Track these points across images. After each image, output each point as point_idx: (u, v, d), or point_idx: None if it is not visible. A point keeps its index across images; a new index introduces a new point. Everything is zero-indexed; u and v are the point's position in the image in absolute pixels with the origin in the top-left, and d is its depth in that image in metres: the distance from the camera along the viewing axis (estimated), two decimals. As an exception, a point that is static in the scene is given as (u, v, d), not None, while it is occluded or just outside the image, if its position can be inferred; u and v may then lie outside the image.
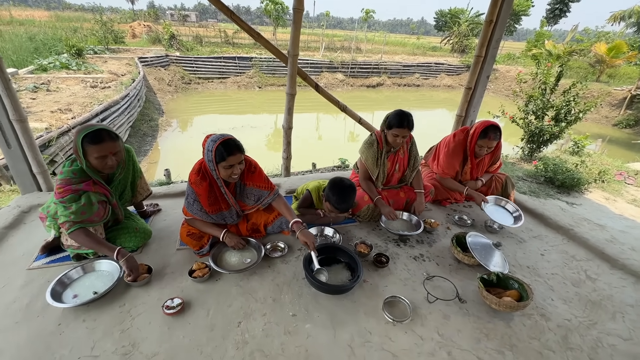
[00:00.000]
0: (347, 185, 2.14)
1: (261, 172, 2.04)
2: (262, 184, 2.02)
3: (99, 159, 1.69)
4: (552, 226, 2.64)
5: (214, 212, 1.95)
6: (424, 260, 2.13)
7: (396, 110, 2.35)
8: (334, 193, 2.10)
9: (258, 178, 2.01)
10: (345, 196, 2.10)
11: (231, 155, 1.73)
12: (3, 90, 2.11)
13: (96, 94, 6.94)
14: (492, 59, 3.28)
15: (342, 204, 2.10)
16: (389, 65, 18.36)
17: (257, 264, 1.92)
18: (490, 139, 2.50)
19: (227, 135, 1.78)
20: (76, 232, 1.69)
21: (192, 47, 16.47)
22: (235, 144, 1.76)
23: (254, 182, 2.00)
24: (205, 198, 1.90)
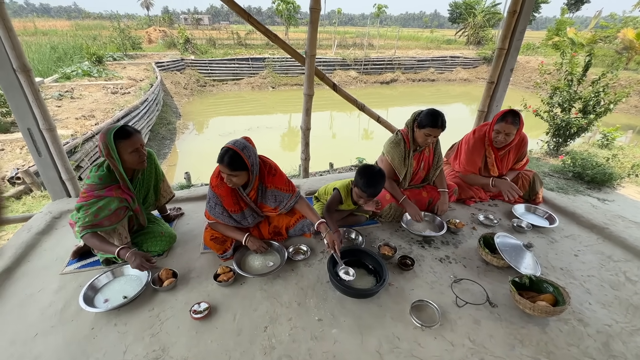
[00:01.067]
0: (377, 170, 2.10)
1: (282, 175, 2.03)
2: (283, 186, 2.01)
3: (133, 153, 1.75)
4: (584, 225, 2.51)
5: (235, 211, 1.95)
6: (450, 262, 2.07)
7: (429, 109, 2.29)
8: (362, 176, 2.05)
9: (279, 180, 2.00)
10: (374, 179, 2.04)
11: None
12: (33, 100, 2.19)
13: (117, 100, 7.15)
14: (515, 51, 3.15)
15: (370, 188, 2.04)
16: (403, 61, 18.07)
17: (280, 268, 1.92)
18: (508, 122, 2.40)
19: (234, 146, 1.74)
20: (86, 236, 1.74)
21: (206, 50, 16.73)
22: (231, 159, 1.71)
23: (275, 185, 1.99)
24: (228, 199, 1.91)
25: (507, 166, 2.68)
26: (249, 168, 1.78)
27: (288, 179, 2.07)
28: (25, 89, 2.13)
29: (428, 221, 2.47)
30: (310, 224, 2.23)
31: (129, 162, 1.78)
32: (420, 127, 2.27)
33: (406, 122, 2.40)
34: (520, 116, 2.44)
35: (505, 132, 2.44)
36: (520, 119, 2.43)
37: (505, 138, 2.46)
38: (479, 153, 2.62)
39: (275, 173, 1.99)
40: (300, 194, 2.09)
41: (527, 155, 2.72)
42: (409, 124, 2.39)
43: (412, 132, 2.38)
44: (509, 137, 2.45)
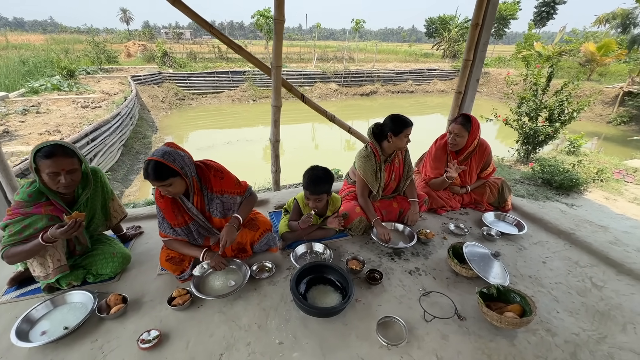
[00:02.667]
0: (320, 169, 2.08)
1: (230, 177, 1.93)
2: (232, 189, 1.91)
3: (50, 175, 1.57)
4: (552, 231, 2.53)
5: (179, 225, 1.83)
6: (419, 274, 2.02)
7: (390, 116, 2.29)
8: (305, 175, 2.05)
9: (227, 183, 1.89)
10: (316, 178, 2.02)
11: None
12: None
13: (87, 114, 6.89)
14: (480, 62, 3.23)
15: (311, 186, 2.01)
16: (382, 73, 18.50)
17: (241, 287, 1.81)
18: (457, 122, 2.47)
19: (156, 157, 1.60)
20: (5, 253, 1.58)
21: (186, 63, 16.58)
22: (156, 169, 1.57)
23: (223, 188, 1.88)
24: (168, 211, 1.79)
25: (471, 175, 2.69)
26: (180, 172, 1.65)
27: (238, 180, 1.98)
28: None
29: (399, 232, 2.42)
30: (274, 237, 2.14)
31: (46, 183, 1.61)
32: (396, 133, 2.24)
33: (368, 134, 2.38)
34: (474, 121, 2.47)
35: (455, 132, 2.48)
36: (473, 123, 2.46)
37: (455, 139, 2.49)
38: (442, 160, 2.64)
39: (222, 176, 1.88)
40: (251, 191, 2.03)
41: (493, 163, 2.75)
42: (370, 135, 2.36)
43: (379, 144, 2.36)
44: (459, 138, 2.49)
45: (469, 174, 2.70)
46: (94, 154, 6.05)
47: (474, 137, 2.51)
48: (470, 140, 2.51)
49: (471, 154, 2.60)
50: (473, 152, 2.59)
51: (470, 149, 2.56)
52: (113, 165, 6.94)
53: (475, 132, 2.49)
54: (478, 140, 2.56)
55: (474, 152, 2.60)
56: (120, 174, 6.90)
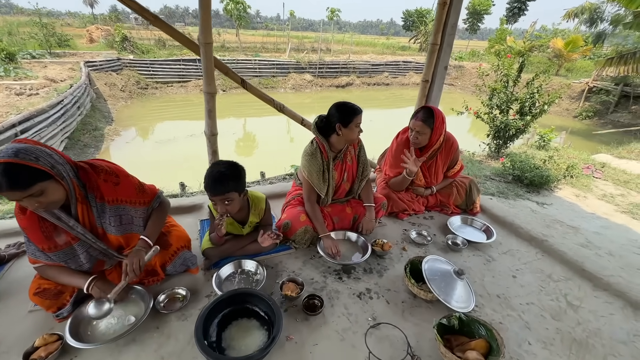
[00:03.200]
0: (222, 163, 1.65)
1: (130, 182, 1.48)
2: (133, 197, 1.47)
3: None
4: (524, 237, 2.26)
5: (53, 249, 1.37)
6: (370, 297, 1.67)
7: (336, 104, 1.90)
8: (205, 175, 1.61)
9: (125, 190, 1.45)
10: (218, 175, 1.57)
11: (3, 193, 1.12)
12: None
13: (19, 103, 6.06)
14: (448, 46, 2.90)
15: (213, 185, 1.57)
16: (358, 65, 18.14)
17: (137, 327, 1.38)
18: (418, 118, 2.13)
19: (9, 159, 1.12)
20: None
21: (149, 49, 15.43)
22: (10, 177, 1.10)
23: (119, 197, 1.43)
24: (34, 231, 1.32)
25: (437, 175, 2.38)
26: (50, 172, 1.19)
27: (142, 185, 1.54)
28: None
29: (352, 242, 2.07)
30: (192, 256, 1.72)
31: None
32: (345, 124, 1.86)
33: (312, 129, 1.98)
34: (437, 114, 2.13)
35: (416, 130, 2.14)
36: (437, 117, 2.12)
37: (417, 137, 2.16)
38: (401, 156, 2.28)
39: (117, 181, 1.42)
40: (160, 199, 1.58)
41: (461, 161, 2.44)
42: (315, 130, 1.97)
43: (326, 139, 1.97)
44: (421, 135, 2.15)
45: (435, 173, 2.37)
46: (25, 148, 5.29)
47: (438, 134, 2.17)
48: (435, 137, 2.18)
49: (437, 152, 2.27)
50: (439, 149, 2.27)
51: (435, 146, 2.23)
52: (53, 160, 6.16)
53: (440, 127, 2.15)
54: (444, 136, 2.23)
55: (439, 149, 2.27)
56: (61, 170, 6.14)
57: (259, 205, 1.86)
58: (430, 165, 2.34)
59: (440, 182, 2.45)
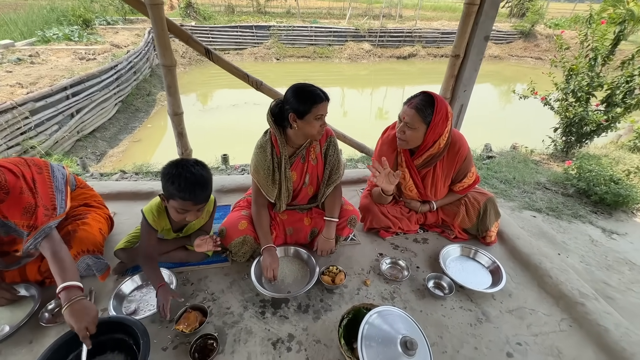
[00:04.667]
0: (195, 164, 1.34)
1: (20, 199, 1.21)
2: (18, 219, 1.21)
3: None
4: (550, 291, 1.59)
5: None
6: (289, 349, 1.27)
7: (293, 87, 1.44)
8: (170, 179, 1.28)
9: (11, 209, 1.19)
10: (199, 178, 1.30)
11: None
12: None
13: (77, 67, 6.57)
14: (493, 7, 2.10)
15: (193, 193, 1.28)
16: (425, 33, 16.16)
17: (11, 337, 1.22)
18: (411, 105, 1.53)
19: None
20: None
21: (210, 16, 15.71)
22: None
23: (6, 215, 1.19)
24: None
25: (436, 187, 1.76)
26: None
27: (33, 207, 1.24)
28: None
29: (302, 261, 1.66)
30: (96, 261, 1.48)
31: None
32: (301, 115, 1.40)
33: (267, 117, 1.53)
34: (439, 105, 1.50)
35: (405, 121, 1.54)
36: (438, 109, 1.50)
37: (405, 131, 1.56)
38: (388, 161, 1.70)
39: (4, 197, 1.17)
40: (48, 232, 1.27)
41: (475, 172, 1.77)
42: (269, 118, 1.52)
43: (280, 133, 1.53)
44: (410, 130, 1.54)
45: (433, 185, 1.76)
46: (76, 110, 5.76)
47: (436, 134, 1.55)
48: (431, 137, 1.56)
49: (435, 158, 1.66)
50: (438, 155, 1.64)
51: (432, 150, 1.61)
52: (104, 123, 6.69)
53: (440, 124, 1.52)
54: (447, 137, 1.60)
55: (439, 155, 1.64)
56: (110, 132, 6.65)
57: (207, 208, 1.54)
58: (427, 175, 1.73)
59: (441, 196, 1.84)
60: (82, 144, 5.85)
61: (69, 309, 1.11)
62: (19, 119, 4.43)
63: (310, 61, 15.29)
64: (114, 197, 2.13)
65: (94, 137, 6.25)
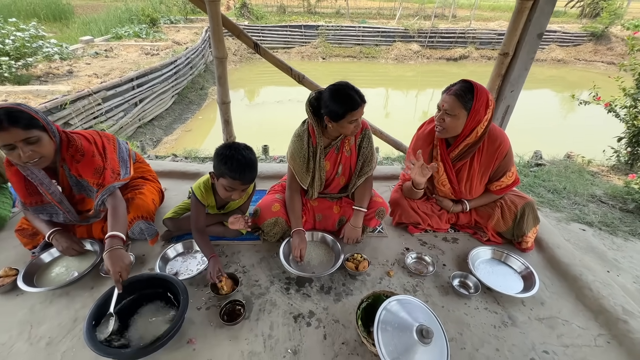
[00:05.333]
0: (245, 148, 1.49)
1: (92, 161, 1.47)
2: (90, 177, 1.48)
3: None
4: (589, 305, 1.48)
5: (32, 204, 1.51)
6: (308, 324, 1.35)
7: (330, 88, 1.52)
8: (224, 160, 1.42)
9: (85, 168, 1.46)
10: (249, 161, 1.44)
11: (2, 132, 1.20)
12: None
13: (143, 61, 7.27)
14: (548, 4, 1.98)
15: (242, 173, 1.42)
16: (479, 34, 15.32)
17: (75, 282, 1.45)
18: (450, 92, 1.50)
19: (10, 104, 1.26)
20: None
21: (262, 15, 16.36)
22: (11, 115, 1.21)
23: (80, 173, 1.47)
24: (20, 186, 1.48)
25: (472, 184, 1.70)
26: (45, 126, 1.31)
27: (102, 169, 1.49)
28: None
29: (328, 247, 1.73)
30: (148, 226, 1.68)
31: None
32: (336, 118, 1.48)
33: (305, 106, 1.62)
34: (479, 92, 1.47)
35: (445, 108, 1.51)
36: (478, 95, 1.46)
37: (444, 119, 1.53)
38: (423, 155, 1.70)
39: (80, 159, 1.45)
40: (113, 190, 1.51)
41: (515, 171, 1.70)
42: (307, 108, 1.61)
43: (318, 124, 1.62)
44: (449, 117, 1.51)
45: (468, 180, 1.72)
46: (140, 99, 6.38)
47: (476, 120, 1.51)
48: (470, 124, 1.52)
49: (471, 148, 1.61)
50: (476, 144, 1.60)
51: (469, 139, 1.58)
52: (162, 112, 7.32)
53: (480, 110, 1.48)
54: (486, 126, 1.55)
55: (476, 144, 1.60)
56: (166, 121, 7.26)
57: (247, 190, 1.69)
58: (462, 169, 1.69)
59: (477, 195, 1.79)
60: (142, 131, 6.46)
61: (108, 253, 1.30)
62: (93, 105, 5.04)
63: (356, 61, 15.28)
64: (166, 175, 2.37)
65: (152, 125, 6.88)
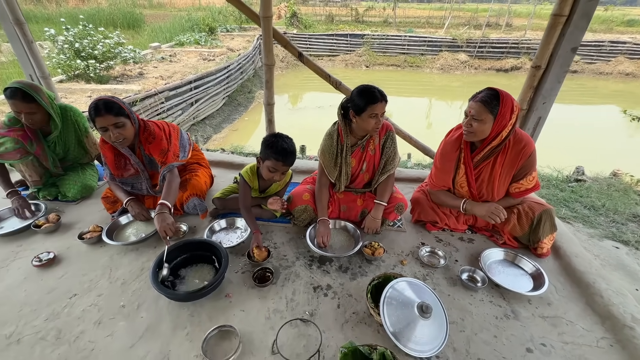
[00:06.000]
0: (287, 137, 1.81)
1: (159, 144, 1.85)
2: (157, 156, 1.86)
3: (15, 113, 1.86)
4: (598, 310, 1.51)
5: (119, 176, 1.92)
6: (325, 294, 1.57)
7: (357, 87, 1.75)
8: (270, 145, 1.74)
9: (155, 148, 1.85)
10: (289, 147, 1.76)
11: (99, 117, 1.61)
12: (28, 51, 2.56)
13: (200, 65, 8.05)
14: (584, 19, 2.03)
15: (284, 156, 1.72)
16: (534, 44, 14.50)
17: (141, 242, 1.83)
18: (477, 99, 1.59)
19: (106, 96, 1.67)
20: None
21: (310, 24, 17.03)
22: (107, 104, 1.62)
23: (151, 153, 1.86)
24: (111, 161, 1.89)
25: (493, 186, 1.78)
26: (129, 115, 1.73)
27: (166, 151, 1.87)
28: (21, 40, 2.51)
29: (348, 233, 1.95)
30: (200, 203, 2.03)
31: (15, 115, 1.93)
32: (359, 112, 1.72)
33: (337, 110, 1.87)
34: (505, 98, 1.56)
35: (472, 114, 1.61)
36: (504, 102, 1.55)
37: (472, 124, 1.63)
38: (450, 160, 1.82)
39: (152, 141, 1.84)
40: (171, 168, 1.87)
41: (536, 175, 1.76)
42: (339, 111, 1.85)
43: (346, 125, 1.86)
44: (477, 122, 1.61)
45: (489, 183, 1.79)
46: (195, 100, 7.10)
47: (502, 124, 1.60)
48: (496, 128, 1.61)
49: (495, 150, 1.70)
50: (499, 146, 1.68)
51: (494, 142, 1.66)
52: (213, 112, 8.02)
53: (506, 115, 1.57)
54: (511, 129, 1.63)
55: (499, 146, 1.68)
56: (216, 120, 7.95)
57: (285, 179, 1.99)
58: (483, 169, 1.77)
59: (499, 198, 1.85)
60: (195, 128, 7.17)
61: (156, 216, 1.66)
62: (157, 103, 5.76)
63: (400, 70, 15.26)
64: (215, 164, 2.74)
65: (204, 124, 7.59)
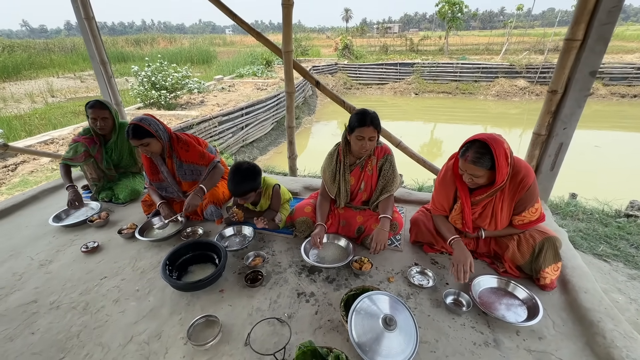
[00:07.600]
0: (244, 167, 2.01)
1: (196, 150, 2.22)
2: (197, 160, 2.22)
3: (91, 119, 2.42)
4: (596, 350, 1.36)
5: (154, 180, 2.30)
6: (307, 301, 1.67)
7: (357, 110, 1.93)
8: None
9: (192, 155, 2.21)
10: (236, 177, 1.97)
11: (129, 139, 2.04)
12: (107, 84, 3.24)
13: (253, 94, 8.92)
14: (600, 43, 1.95)
15: (233, 186, 1.97)
16: (609, 68, 13.13)
17: (162, 240, 2.14)
18: (467, 159, 1.55)
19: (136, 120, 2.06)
20: (60, 165, 2.50)
21: (361, 55, 17.74)
22: (134, 129, 2.02)
23: (189, 159, 2.21)
24: (147, 167, 2.28)
25: (496, 218, 1.73)
26: (154, 134, 2.07)
27: (204, 153, 2.24)
28: (103, 76, 3.20)
29: (341, 248, 2.03)
30: (216, 210, 2.30)
31: (90, 124, 2.48)
32: (350, 132, 1.89)
33: (342, 133, 2.05)
34: (497, 149, 1.49)
35: (469, 173, 1.59)
36: (497, 153, 1.49)
37: (472, 179, 1.62)
38: (447, 188, 1.83)
39: (187, 148, 2.20)
40: (215, 164, 2.23)
41: (540, 206, 1.68)
42: (343, 131, 2.03)
43: (346, 145, 2.02)
44: (476, 178, 1.59)
45: (492, 217, 1.74)
46: (245, 124, 7.84)
47: (502, 174, 1.54)
48: (500, 178, 1.56)
49: (495, 191, 1.66)
50: (499, 189, 1.64)
51: (497, 186, 1.61)
52: (261, 136, 8.72)
53: (503, 165, 1.52)
54: (509, 173, 1.59)
55: (501, 187, 1.64)
56: (263, 143, 8.61)
57: (268, 190, 2.20)
58: (486, 205, 1.73)
59: (502, 227, 1.77)
60: (243, 150, 7.86)
61: (190, 196, 2.01)
62: (211, 127, 6.52)
63: (451, 97, 14.92)
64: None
65: (251, 146, 8.28)
